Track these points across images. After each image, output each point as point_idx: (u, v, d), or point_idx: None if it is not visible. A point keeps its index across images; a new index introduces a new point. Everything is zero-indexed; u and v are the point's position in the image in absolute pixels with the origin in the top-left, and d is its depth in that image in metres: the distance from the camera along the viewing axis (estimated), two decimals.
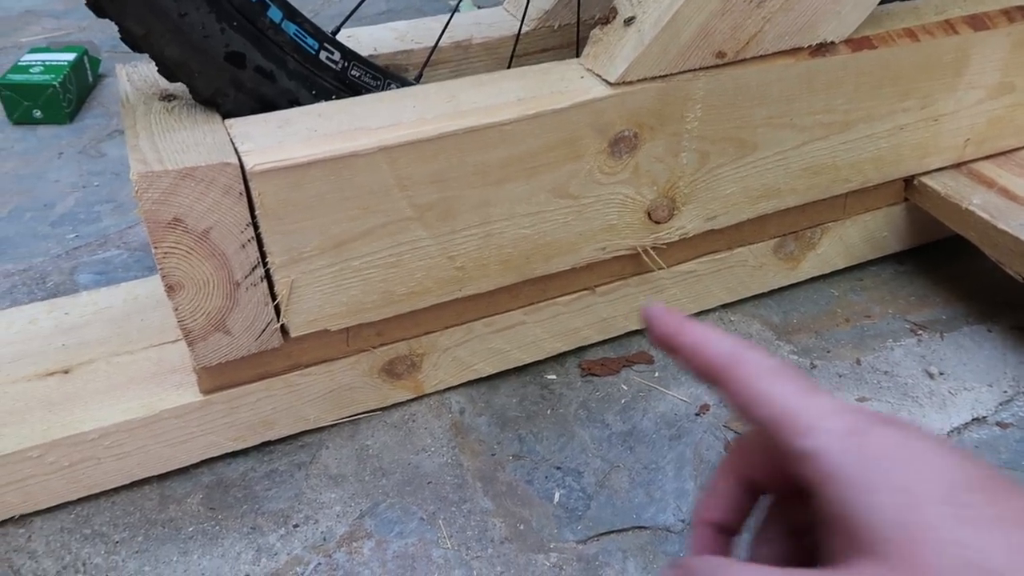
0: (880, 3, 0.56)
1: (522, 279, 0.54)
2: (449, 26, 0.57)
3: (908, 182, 0.68)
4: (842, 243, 0.69)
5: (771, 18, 0.51)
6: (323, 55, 0.48)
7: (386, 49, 0.55)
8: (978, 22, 0.61)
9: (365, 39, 0.56)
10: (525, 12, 0.57)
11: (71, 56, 0.97)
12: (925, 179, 0.68)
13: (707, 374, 0.28)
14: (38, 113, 0.93)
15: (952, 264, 0.72)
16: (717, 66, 0.51)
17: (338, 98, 0.49)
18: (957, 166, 0.69)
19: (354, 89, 0.50)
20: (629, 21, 0.50)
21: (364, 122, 0.45)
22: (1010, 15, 0.62)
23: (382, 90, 0.51)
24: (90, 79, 1.01)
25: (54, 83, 0.91)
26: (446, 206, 0.48)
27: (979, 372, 0.61)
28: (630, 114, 0.50)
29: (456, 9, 0.56)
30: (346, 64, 0.49)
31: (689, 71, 0.51)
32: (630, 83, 0.49)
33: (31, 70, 0.93)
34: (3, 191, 0.81)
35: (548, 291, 0.58)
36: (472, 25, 0.58)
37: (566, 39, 0.61)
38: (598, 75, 0.50)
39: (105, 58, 1.08)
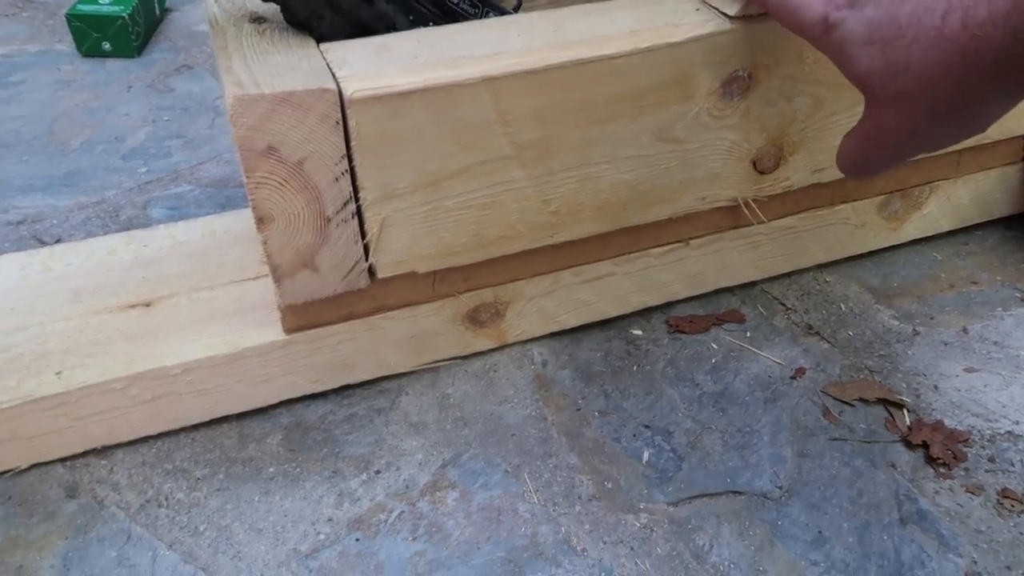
0: None
1: (616, 227, 0.51)
2: None
3: None
4: (950, 203, 0.65)
5: None
6: None
7: None
8: None
9: None
10: None
11: None
12: None
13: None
14: (107, 45, 0.91)
15: None
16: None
17: (436, 24, 0.46)
18: None
19: (452, 16, 0.46)
20: None
21: (467, 50, 0.42)
22: None
23: (480, 18, 0.47)
24: (157, 12, 0.99)
25: (123, 15, 0.89)
26: (546, 145, 0.45)
27: None
28: (747, 52, 0.46)
29: None
30: None
31: None
32: (750, 17, 0.45)
33: (100, 1, 0.91)
34: (75, 123, 0.80)
35: (640, 242, 0.55)
36: None
37: None
38: (715, 7, 0.46)
39: None
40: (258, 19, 0.45)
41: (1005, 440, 0.50)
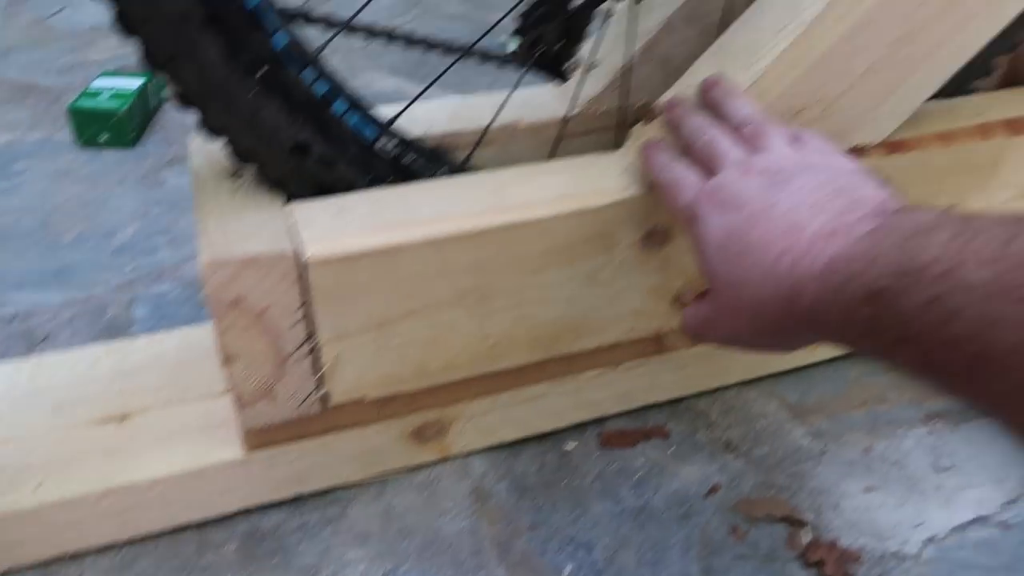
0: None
1: (550, 356, 0.57)
2: (496, 107, 0.60)
3: None
4: None
5: (807, 126, 0.53)
6: (380, 144, 0.51)
7: (438, 130, 0.59)
8: (1017, 126, 0.62)
9: (420, 117, 0.59)
10: (573, 96, 0.60)
11: (138, 82, 1.02)
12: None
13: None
14: (104, 137, 0.98)
15: None
16: None
17: (392, 183, 0.52)
18: None
19: (406, 174, 0.53)
20: None
21: (414, 213, 0.48)
22: None
23: (432, 174, 0.54)
24: (153, 104, 1.06)
25: (120, 110, 0.96)
26: (485, 291, 0.51)
27: (988, 469, 0.63)
28: (663, 211, 0.53)
29: (514, 87, 0.58)
30: (401, 151, 0.52)
31: None
32: None
33: (100, 96, 0.98)
34: (70, 216, 0.86)
35: (573, 366, 0.61)
36: (521, 106, 0.61)
37: (612, 121, 0.63)
38: (638, 172, 0.53)
39: None
40: (236, 174, 0.51)
41: (892, 560, 0.55)
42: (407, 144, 0.53)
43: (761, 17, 0.51)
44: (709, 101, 0.49)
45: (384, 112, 0.54)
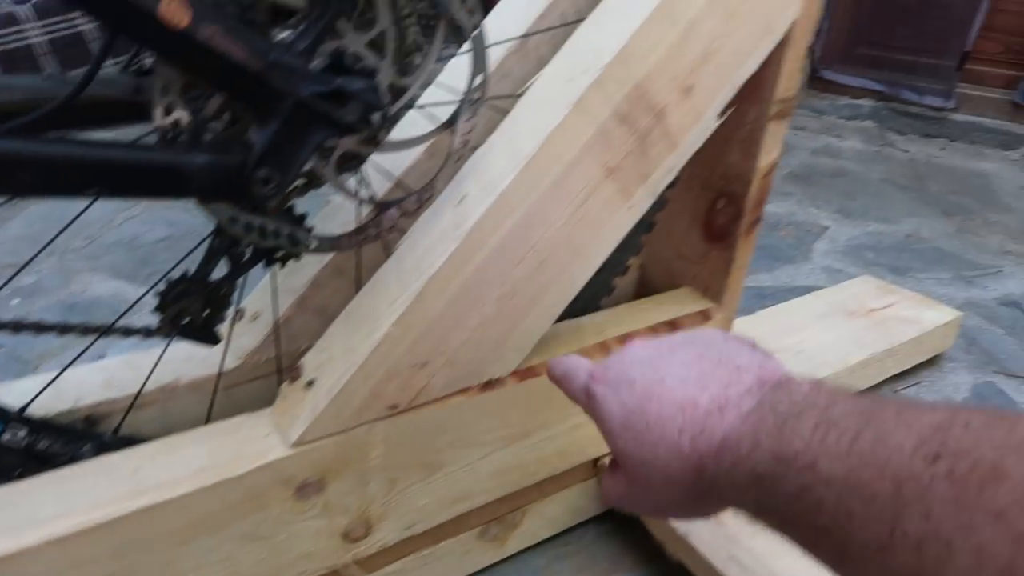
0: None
1: None
2: (159, 365, 0.62)
3: (595, 461, 0.79)
4: (544, 518, 0.78)
5: (437, 373, 0.60)
6: (7, 436, 0.51)
7: (89, 399, 0.59)
8: (628, 340, 0.74)
9: (69, 387, 0.59)
10: (225, 354, 0.63)
11: None
12: (607, 459, 0.79)
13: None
14: None
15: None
16: (392, 415, 0.59)
17: (24, 472, 0.51)
18: None
19: (42, 460, 0.52)
20: (310, 384, 0.57)
21: (34, 513, 0.48)
22: (656, 330, 0.76)
23: (73, 455, 0.54)
24: None
25: None
26: (127, 573, 0.51)
27: None
28: (311, 466, 0.57)
29: (161, 354, 0.61)
30: (34, 438, 0.52)
31: (365, 423, 0.58)
32: (309, 441, 0.56)
33: None
34: None
35: None
36: (183, 362, 0.64)
37: (274, 368, 0.67)
38: (282, 433, 0.57)
39: None
40: None
41: None
42: (43, 427, 0.53)
43: (379, 289, 0.58)
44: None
45: (25, 387, 0.54)
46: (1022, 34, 2.32)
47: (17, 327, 0.53)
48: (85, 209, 0.50)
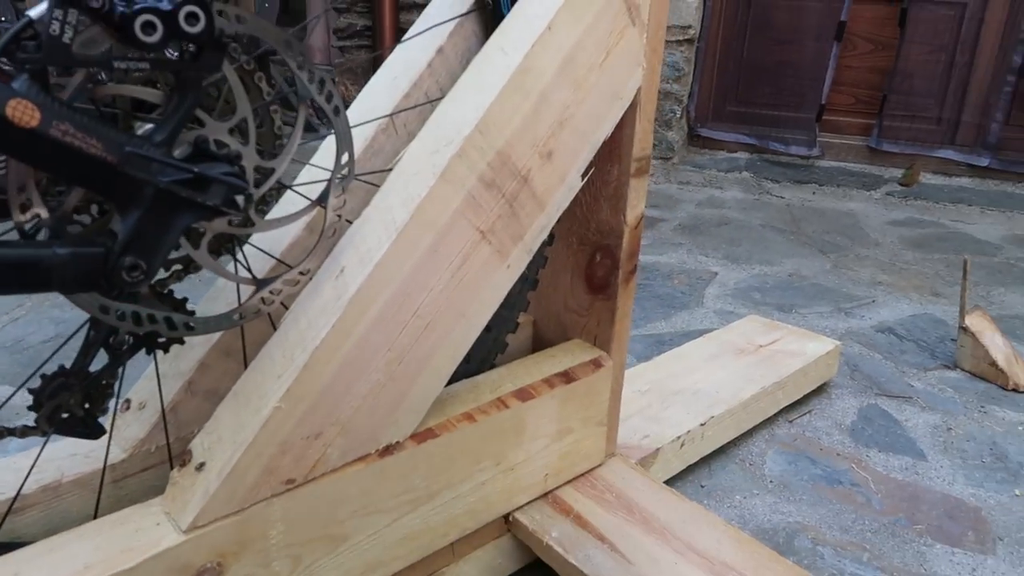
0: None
1: None
2: (39, 464, 0.60)
3: (506, 517, 0.81)
4: None
5: (332, 443, 0.61)
6: None
7: None
8: (525, 394, 0.77)
9: None
10: (109, 444, 0.62)
11: None
12: (518, 514, 0.80)
13: None
14: None
15: None
16: (290, 490, 0.60)
17: None
18: (544, 495, 0.83)
19: None
20: (200, 467, 0.57)
21: None
22: (550, 382, 0.79)
23: None
24: None
25: None
26: None
27: None
28: (209, 550, 0.56)
29: (40, 452, 0.59)
30: None
31: (262, 500, 0.58)
32: (204, 525, 0.55)
33: None
34: None
35: None
36: (66, 459, 0.62)
37: (165, 455, 0.66)
38: (174, 520, 0.56)
39: None
40: None
41: None
42: None
43: (264, 365, 0.59)
44: None
45: None
46: (868, 86, 2.57)
47: None
48: None
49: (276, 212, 0.64)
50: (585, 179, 0.73)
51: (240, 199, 0.49)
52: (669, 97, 2.58)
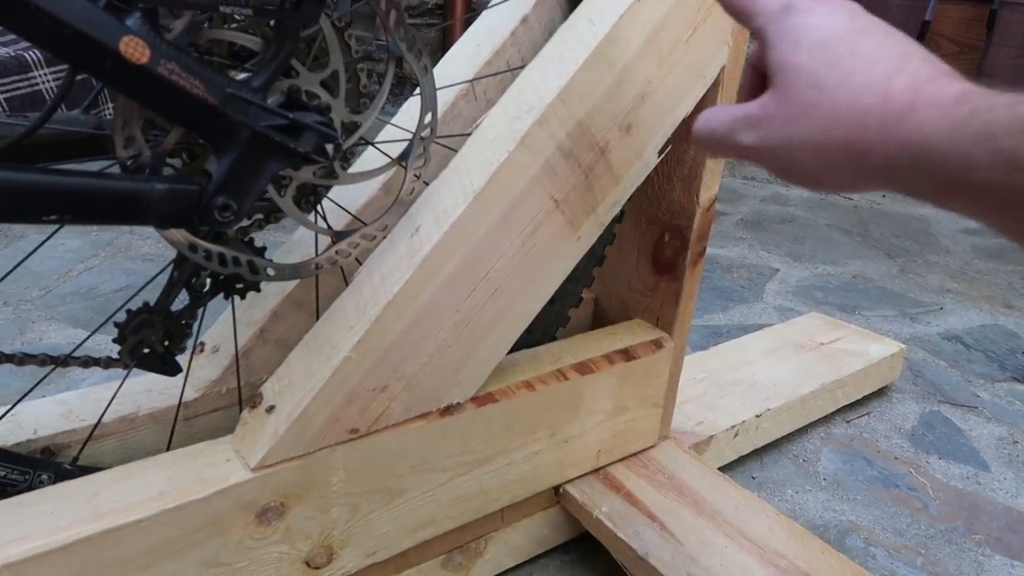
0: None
1: None
2: (118, 397, 0.63)
3: (557, 489, 0.81)
4: (508, 546, 0.79)
5: (396, 397, 0.62)
6: None
7: (47, 430, 0.60)
8: (584, 367, 0.77)
9: (27, 418, 0.60)
10: (184, 383, 0.65)
11: None
12: (569, 487, 0.81)
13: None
14: None
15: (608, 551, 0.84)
16: (353, 439, 0.61)
17: None
18: (596, 471, 0.83)
19: None
20: (270, 409, 0.59)
21: None
22: (610, 358, 0.79)
23: (31, 484, 0.54)
24: None
25: None
26: None
27: None
28: (273, 490, 0.58)
29: (121, 383, 0.62)
30: None
31: (327, 447, 0.60)
32: (270, 465, 0.57)
33: None
34: None
35: None
36: (142, 394, 0.65)
37: (235, 399, 0.68)
38: (243, 457, 0.58)
39: None
40: None
41: None
42: None
43: (337, 316, 0.60)
44: None
45: None
46: None
47: None
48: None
49: (357, 169, 0.66)
50: (661, 156, 0.72)
51: (329, 148, 0.50)
52: (741, 89, 2.53)
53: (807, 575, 0.72)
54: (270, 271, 0.55)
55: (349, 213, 0.67)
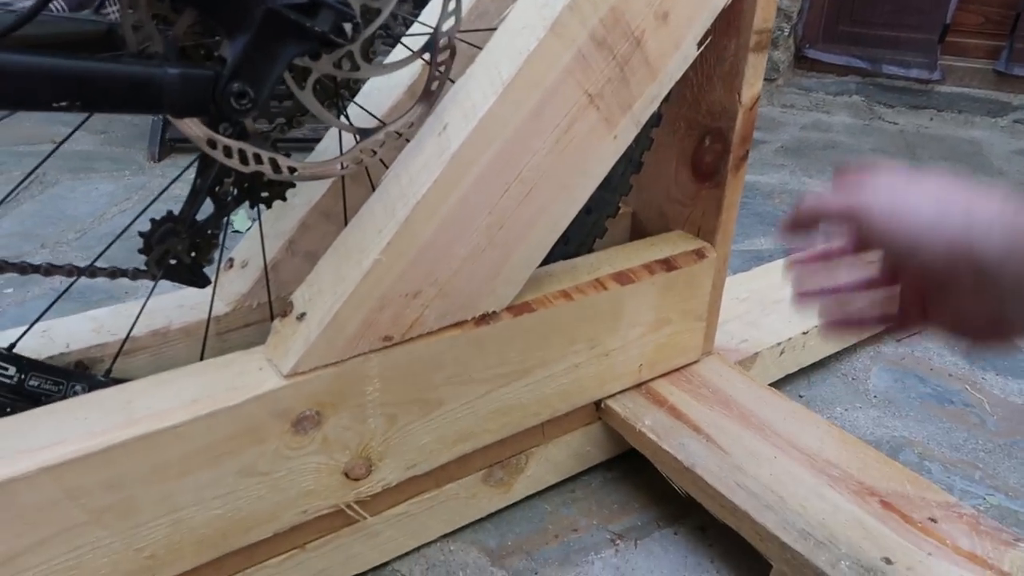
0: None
1: (221, 554, 0.57)
2: (148, 311, 0.62)
3: (598, 404, 0.79)
4: (549, 462, 0.78)
5: (430, 304, 0.60)
6: None
7: (79, 344, 0.59)
8: (624, 277, 0.74)
9: (60, 333, 0.59)
10: (213, 298, 0.63)
11: None
12: (610, 401, 0.78)
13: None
14: None
15: (652, 467, 0.82)
16: (387, 347, 0.59)
17: (14, 411, 0.51)
18: (638, 386, 0.81)
19: (33, 399, 0.52)
20: (301, 317, 0.57)
21: (27, 442, 0.48)
22: (650, 268, 0.76)
23: (64, 395, 0.54)
24: None
25: None
26: (126, 505, 0.51)
27: None
28: (308, 398, 0.56)
29: (148, 297, 0.61)
30: (23, 376, 0.52)
31: (360, 355, 0.58)
32: (304, 372, 0.56)
33: None
34: None
35: (255, 556, 0.60)
36: (174, 309, 0.64)
37: (267, 313, 0.67)
38: (275, 365, 0.56)
39: None
40: None
41: None
42: (32, 367, 0.53)
43: (365, 220, 0.58)
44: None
45: (16, 333, 0.54)
46: (1000, 4, 2.33)
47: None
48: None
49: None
50: (701, 48, 0.68)
51: (348, 28, 0.47)
52: (778, 13, 2.42)
53: (861, 483, 0.69)
54: (294, 168, 0.53)
55: (373, 115, 0.64)
